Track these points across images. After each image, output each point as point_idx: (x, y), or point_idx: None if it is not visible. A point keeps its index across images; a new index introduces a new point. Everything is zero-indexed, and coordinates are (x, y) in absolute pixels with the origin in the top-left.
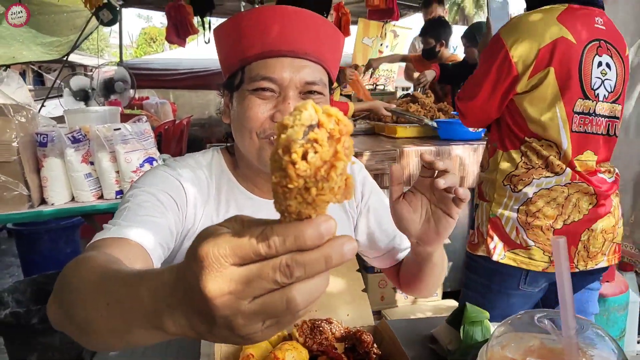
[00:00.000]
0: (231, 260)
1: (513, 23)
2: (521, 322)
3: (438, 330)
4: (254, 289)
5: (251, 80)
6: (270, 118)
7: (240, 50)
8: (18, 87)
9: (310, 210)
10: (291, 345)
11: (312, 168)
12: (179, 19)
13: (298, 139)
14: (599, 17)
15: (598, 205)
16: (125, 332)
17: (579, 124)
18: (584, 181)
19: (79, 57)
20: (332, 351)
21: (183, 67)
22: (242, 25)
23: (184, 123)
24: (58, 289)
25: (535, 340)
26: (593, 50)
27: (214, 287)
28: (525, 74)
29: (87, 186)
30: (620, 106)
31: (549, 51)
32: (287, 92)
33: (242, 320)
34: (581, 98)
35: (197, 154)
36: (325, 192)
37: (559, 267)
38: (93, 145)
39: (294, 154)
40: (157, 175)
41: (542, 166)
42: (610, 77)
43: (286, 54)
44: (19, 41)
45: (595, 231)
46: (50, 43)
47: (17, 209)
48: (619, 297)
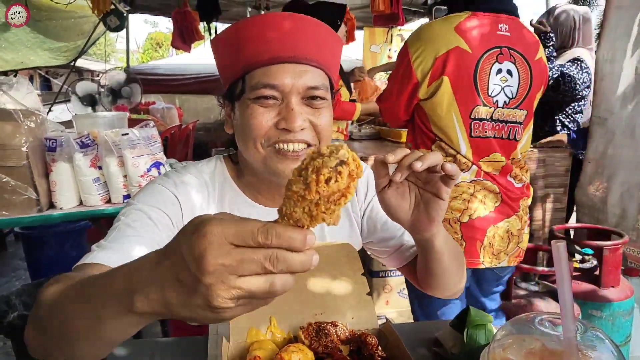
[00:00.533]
0: (232, 239)
1: (417, 32)
2: (523, 324)
3: (442, 334)
4: (243, 268)
5: (253, 89)
6: (275, 126)
7: (241, 58)
8: (28, 93)
9: (307, 222)
10: (297, 347)
11: (329, 191)
12: (185, 25)
13: (329, 167)
14: (503, 24)
15: (503, 204)
16: (97, 325)
17: (476, 129)
18: (489, 179)
19: (86, 62)
20: (337, 353)
21: (189, 72)
22: (240, 33)
23: (190, 128)
24: (35, 310)
25: (537, 343)
26: (492, 57)
27: (211, 256)
28: (424, 81)
29: (95, 190)
30: (524, 111)
31: (443, 61)
32: (289, 98)
33: (223, 292)
34: (478, 105)
35: (200, 163)
36: (327, 212)
37: (559, 270)
38: (101, 150)
39: (321, 175)
40: (153, 191)
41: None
42: (512, 83)
43: (287, 60)
44: (27, 46)
45: (500, 229)
46: (58, 48)
47: (26, 212)
48: (624, 302)
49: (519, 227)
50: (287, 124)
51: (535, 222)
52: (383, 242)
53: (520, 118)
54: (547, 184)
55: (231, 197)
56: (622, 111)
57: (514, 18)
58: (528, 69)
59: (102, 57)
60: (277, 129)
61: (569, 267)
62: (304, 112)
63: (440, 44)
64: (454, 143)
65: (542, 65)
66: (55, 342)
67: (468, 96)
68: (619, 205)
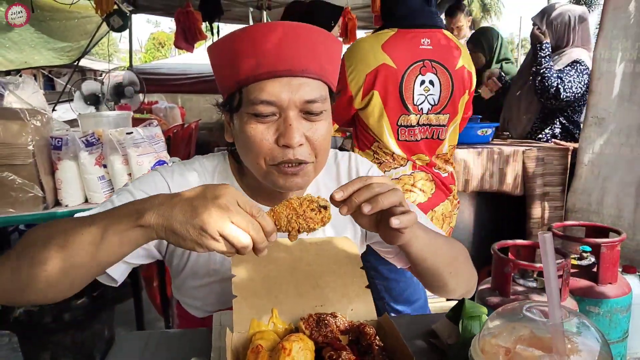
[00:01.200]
0: (239, 202)
1: (351, 48)
2: (512, 312)
3: (438, 325)
4: (236, 219)
5: (250, 104)
6: (276, 143)
7: (236, 71)
8: (34, 92)
9: (284, 223)
10: (298, 337)
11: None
12: (188, 25)
13: (319, 203)
14: (426, 39)
15: (437, 189)
16: (98, 241)
17: (403, 134)
18: (424, 170)
19: (89, 62)
20: (337, 343)
21: (191, 72)
22: (235, 45)
23: (193, 127)
24: (12, 250)
25: (526, 330)
26: (416, 71)
27: (225, 199)
28: (357, 94)
29: (100, 188)
30: (446, 115)
31: (373, 76)
32: (287, 113)
33: (217, 223)
34: (404, 114)
35: (204, 158)
36: (298, 226)
37: (545, 260)
38: (106, 148)
39: (313, 203)
40: (149, 179)
41: (390, 160)
42: (434, 92)
43: (283, 73)
44: (30, 46)
45: (437, 212)
46: (62, 48)
47: (32, 210)
48: (621, 298)
49: (450, 209)
50: (286, 140)
51: (534, 220)
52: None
53: (443, 121)
54: (545, 182)
55: None
56: (619, 110)
57: (434, 31)
58: (449, 78)
59: (105, 57)
60: (279, 146)
61: (554, 257)
62: (301, 127)
63: (370, 62)
64: (387, 146)
65: (463, 72)
66: (26, 266)
67: (396, 107)
68: (615, 206)
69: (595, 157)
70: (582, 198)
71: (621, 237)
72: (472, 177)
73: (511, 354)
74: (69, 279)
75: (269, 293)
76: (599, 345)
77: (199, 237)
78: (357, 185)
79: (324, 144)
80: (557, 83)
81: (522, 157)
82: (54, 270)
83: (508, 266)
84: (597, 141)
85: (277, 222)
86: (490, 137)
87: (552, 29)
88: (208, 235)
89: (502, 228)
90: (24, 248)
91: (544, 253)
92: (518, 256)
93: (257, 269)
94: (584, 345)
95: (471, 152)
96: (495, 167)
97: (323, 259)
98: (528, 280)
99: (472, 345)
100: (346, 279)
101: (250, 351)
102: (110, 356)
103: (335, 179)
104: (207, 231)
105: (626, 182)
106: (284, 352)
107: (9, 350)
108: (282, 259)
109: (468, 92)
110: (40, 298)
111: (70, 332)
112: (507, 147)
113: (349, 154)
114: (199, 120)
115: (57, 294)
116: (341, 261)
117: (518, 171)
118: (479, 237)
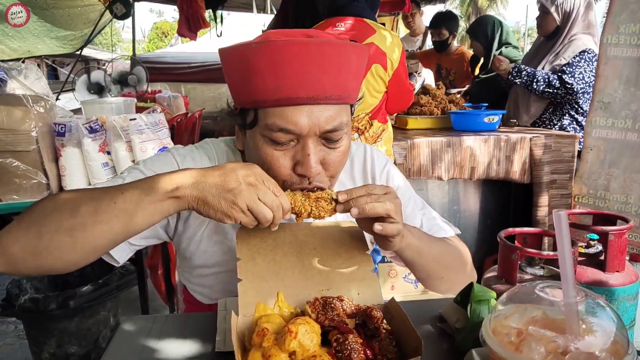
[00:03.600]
0: (265, 181)
1: None
2: (523, 293)
3: (446, 310)
4: (263, 195)
5: (267, 128)
6: (292, 170)
7: (252, 90)
8: (36, 79)
9: (299, 203)
10: (304, 320)
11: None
12: (191, 12)
13: (331, 195)
14: (341, 23)
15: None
16: (130, 208)
17: None
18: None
19: (93, 51)
20: (344, 326)
21: (195, 61)
22: (252, 62)
23: (196, 116)
24: (28, 215)
25: (538, 311)
26: None
27: (255, 177)
28: None
29: (104, 175)
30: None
31: None
32: (306, 141)
33: (246, 197)
34: None
35: (216, 142)
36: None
37: (560, 239)
38: (110, 135)
39: (324, 193)
40: (161, 158)
41: None
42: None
43: (305, 101)
44: (34, 35)
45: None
46: (65, 37)
47: (36, 196)
48: (628, 286)
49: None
50: (304, 171)
51: (541, 207)
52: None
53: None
54: (552, 169)
55: None
56: (626, 95)
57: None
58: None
59: (108, 46)
60: (295, 173)
61: (569, 235)
62: (319, 153)
63: None
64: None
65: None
66: (53, 232)
67: None
68: (622, 192)
69: (601, 142)
70: (588, 183)
71: (629, 224)
72: (479, 164)
73: (523, 335)
74: (92, 245)
75: (275, 276)
76: (614, 327)
77: (229, 209)
78: (361, 192)
79: (340, 166)
80: (552, 79)
81: (530, 144)
82: (82, 236)
83: (515, 254)
84: (602, 126)
85: (293, 203)
86: (497, 124)
87: (558, 9)
88: (238, 208)
89: (508, 216)
90: (45, 215)
91: (559, 231)
92: (525, 244)
93: (263, 253)
94: (599, 327)
95: (477, 139)
96: (502, 154)
97: (329, 243)
98: (535, 268)
99: (483, 327)
100: (352, 263)
101: (255, 334)
102: (116, 339)
103: (349, 172)
104: (237, 204)
105: (633, 168)
106: (290, 335)
107: (14, 337)
108: (288, 243)
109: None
110: (56, 265)
111: (75, 319)
112: (514, 134)
113: (364, 147)
114: (203, 109)
115: (76, 261)
116: (347, 245)
117: (525, 158)
118: (485, 225)
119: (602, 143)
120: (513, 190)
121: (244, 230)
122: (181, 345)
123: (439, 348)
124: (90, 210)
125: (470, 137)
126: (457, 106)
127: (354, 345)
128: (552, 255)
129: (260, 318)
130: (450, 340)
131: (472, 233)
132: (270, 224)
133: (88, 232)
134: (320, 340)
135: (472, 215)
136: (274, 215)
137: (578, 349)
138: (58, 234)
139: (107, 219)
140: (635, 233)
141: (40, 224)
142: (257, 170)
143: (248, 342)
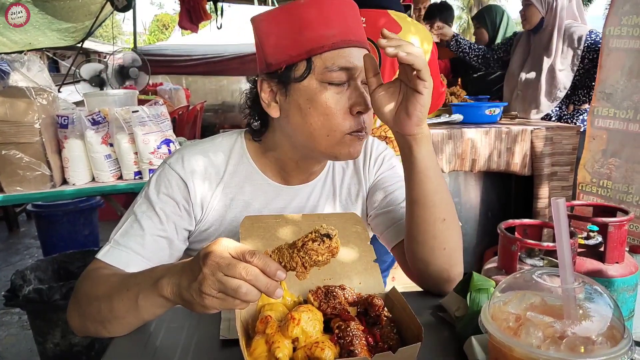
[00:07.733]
0: (231, 252)
1: None
2: (522, 280)
3: (446, 299)
4: (228, 269)
5: (327, 70)
6: (350, 111)
7: (305, 40)
8: (39, 71)
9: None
10: (307, 307)
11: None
12: (192, 4)
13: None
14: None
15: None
16: (135, 306)
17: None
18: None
19: (94, 44)
20: (345, 314)
21: (196, 53)
22: (303, 14)
23: (198, 108)
24: (79, 299)
25: (537, 298)
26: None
27: (213, 256)
28: None
29: (107, 167)
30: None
31: None
32: (357, 82)
33: (210, 281)
34: None
35: (219, 137)
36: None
37: (558, 226)
38: (112, 127)
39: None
40: (162, 179)
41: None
42: None
43: (354, 43)
44: (35, 27)
45: None
46: (66, 29)
47: (39, 188)
48: (628, 278)
49: None
50: (363, 107)
51: (542, 199)
52: (382, 216)
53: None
54: (553, 162)
55: (247, 172)
56: (628, 86)
57: (374, 11)
58: (377, 53)
59: (109, 39)
60: (352, 115)
61: (567, 222)
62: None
63: None
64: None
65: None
66: (95, 321)
67: None
68: (624, 182)
69: (603, 132)
70: (591, 173)
71: (629, 216)
72: (480, 156)
73: (522, 320)
74: (127, 329)
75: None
76: (610, 312)
77: (201, 300)
78: (395, 42)
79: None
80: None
81: (531, 137)
82: (112, 327)
83: (515, 245)
84: (605, 116)
85: (281, 260)
86: (498, 117)
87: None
88: (206, 295)
89: (509, 208)
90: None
91: (557, 218)
92: (525, 236)
93: (266, 243)
94: (596, 312)
95: (479, 131)
96: (503, 146)
97: None
98: (535, 259)
99: (482, 312)
100: (354, 253)
101: (259, 322)
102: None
103: (350, 160)
104: (204, 291)
105: (634, 159)
106: (293, 322)
107: (19, 327)
108: (290, 234)
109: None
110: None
111: None
112: (515, 126)
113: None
114: (204, 102)
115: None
116: (349, 236)
117: (526, 151)
118: (486, 217)
119: (604, 133)
120: (514, 182)
121: (248, 219)
122: (186, 333)
123: (439, 335)
124: (109, 308)
125: (471, 129)
126: (458, 98)
127: (355, 332)
128: (551, 246)
129: (264, 306)
130: (451, 328)
131: (473, 225)
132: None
133: (114, 325)
134: (322, 328)
135: (473, 207)
136: (257, 281)
137: (575, 334)
138: (96, 323)
139: (123, 315)
140: (635, 224)
141: (84, 316)
142: (218, 248)
143: (252, 330)
